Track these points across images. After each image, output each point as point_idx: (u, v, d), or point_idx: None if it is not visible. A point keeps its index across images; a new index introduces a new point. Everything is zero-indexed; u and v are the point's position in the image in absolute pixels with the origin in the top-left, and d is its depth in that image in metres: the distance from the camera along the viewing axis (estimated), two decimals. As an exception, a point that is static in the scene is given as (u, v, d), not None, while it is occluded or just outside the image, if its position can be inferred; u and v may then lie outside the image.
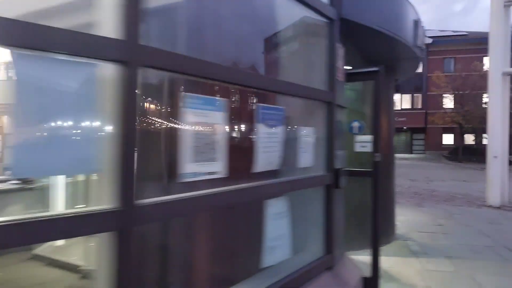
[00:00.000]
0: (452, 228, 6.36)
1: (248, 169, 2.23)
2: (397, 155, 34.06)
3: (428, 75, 33.83)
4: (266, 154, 2.34)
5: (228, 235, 2.29)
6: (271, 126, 2.36)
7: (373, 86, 3.61)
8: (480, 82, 23.90)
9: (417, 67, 5.55)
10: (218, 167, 1.89)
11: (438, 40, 34.88)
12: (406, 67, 5.41)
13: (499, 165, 8.92)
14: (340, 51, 3.60)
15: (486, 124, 9.46)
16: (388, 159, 5.50)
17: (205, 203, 1.72)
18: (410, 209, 8.15)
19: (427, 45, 34.84)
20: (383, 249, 5.10)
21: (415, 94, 35.55)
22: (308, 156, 2.92)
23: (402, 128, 36.19)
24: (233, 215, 2.30)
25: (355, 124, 3.83)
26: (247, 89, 2.28)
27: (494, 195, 8.90)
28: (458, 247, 5.25)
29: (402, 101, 36.05)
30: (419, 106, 35.49)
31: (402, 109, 35.83)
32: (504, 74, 8.97)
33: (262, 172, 2.31)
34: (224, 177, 1.90)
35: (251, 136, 2.27)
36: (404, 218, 7.10)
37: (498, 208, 8.68)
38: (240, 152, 2.28)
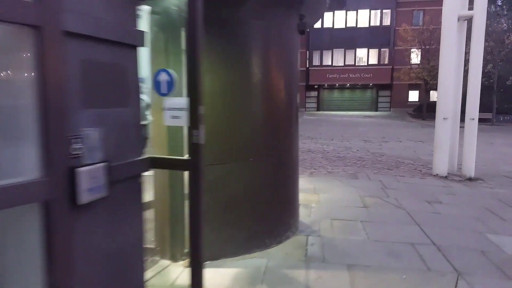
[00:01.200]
0: (377, 212, 5.03)
1: None
2: (361, 113, 32.88)
3: (396, 28, 32.12)
4: None
5: None
6: None
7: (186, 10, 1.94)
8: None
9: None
10: None
11: (409, -10, 32.90)
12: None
13: (449, 128, 7.62)
14: None
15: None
16: (288, 130, 3.96)
17: None
18: (341, 182, 6.81)
19: (397, -5, 32.84)
20: (270, 252, 3.70)
21: (382, 49, 33.93)
22: None
23: (368, 85, 34.87)
24: None
25: (163, 77, 2.16)
26: None
27: (441, 163, 7.67)
28: (372, 246, 3.91)
29: (369, 57, 34.45)
30: (386, 62, 34.03)
31: (368, 65, 34.33)
32: (461, 18, 7.43)
33: None
34: None
35: None
36: (325, 196, 5.73)
37: (445, 178, 7.49)
38: None
